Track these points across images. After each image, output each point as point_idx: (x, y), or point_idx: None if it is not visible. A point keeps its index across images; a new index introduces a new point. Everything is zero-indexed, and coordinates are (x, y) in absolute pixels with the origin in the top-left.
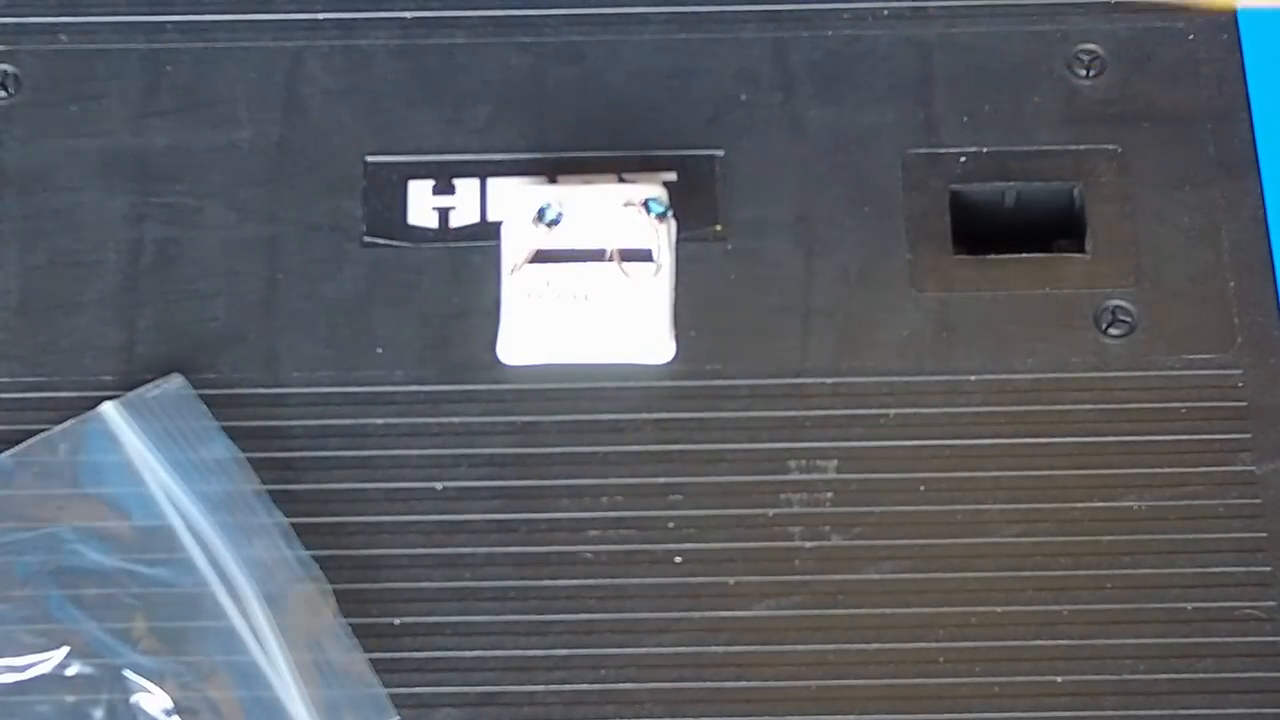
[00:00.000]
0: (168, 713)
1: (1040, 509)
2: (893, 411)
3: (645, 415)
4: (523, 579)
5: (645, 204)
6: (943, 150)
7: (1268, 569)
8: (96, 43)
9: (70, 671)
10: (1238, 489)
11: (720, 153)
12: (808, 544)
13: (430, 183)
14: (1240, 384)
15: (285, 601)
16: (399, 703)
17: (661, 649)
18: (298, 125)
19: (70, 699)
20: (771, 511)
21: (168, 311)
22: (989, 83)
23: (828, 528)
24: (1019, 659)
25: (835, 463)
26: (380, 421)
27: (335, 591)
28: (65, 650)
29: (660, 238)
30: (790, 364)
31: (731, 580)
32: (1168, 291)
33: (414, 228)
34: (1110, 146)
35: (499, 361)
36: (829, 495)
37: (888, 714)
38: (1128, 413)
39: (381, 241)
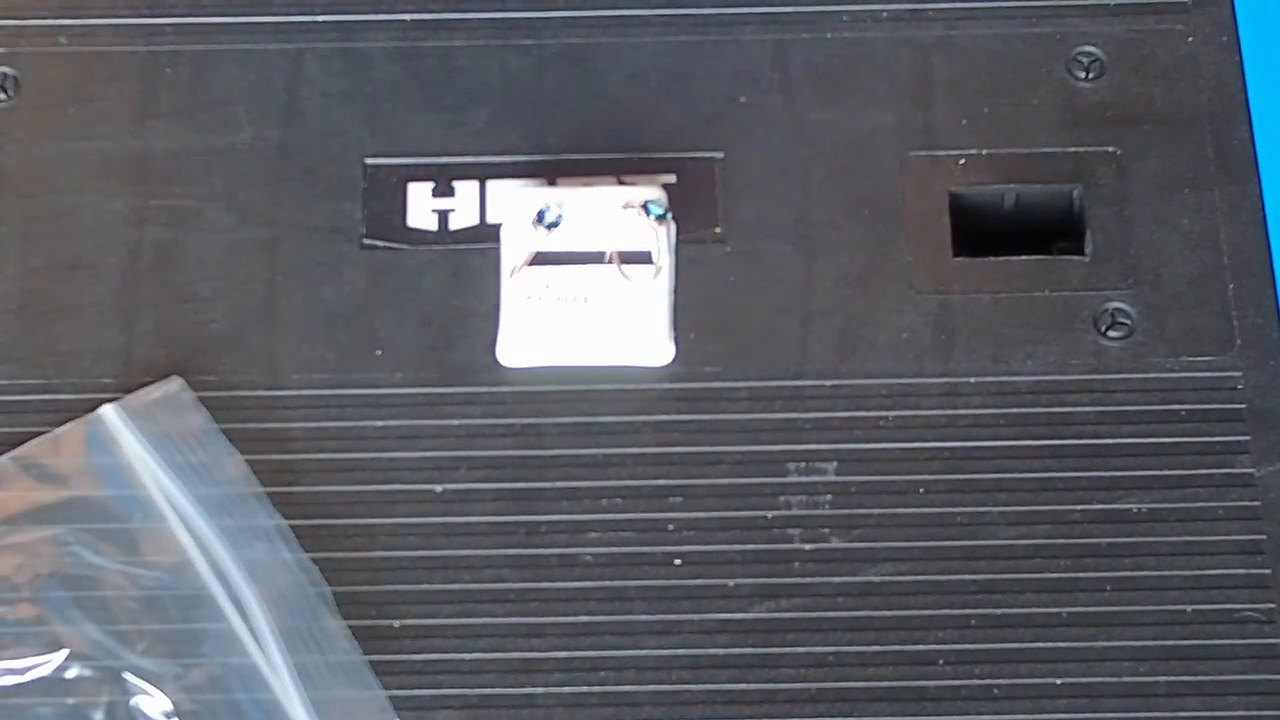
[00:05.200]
0: (167, 715)
1: (1040, 510)
2: (892, 413)
3: (645, 417)
4: (522, 581)
5: (645, 206)
6: (942, 152)
7: (1266, 571)
8: (96, 45)
9: (70, 674)
10: (1237, 491)
11: (720, 155)
12: (807, 546)
13: (430, 185)
14: (1239, 386)
15: (285, 604)
16: (399, 705)
17: (661, 651)
18: (297, 128)
19: (70, 701)
20: (771, 513)
21: (167, 314)
22: (988, 85)
23: (827, 530)
24: (1019, 659)
25: (834, 465)
26: (379, 424)
27: (335, 594)
28: (65, 653)
29: (660, 240)
30: (790, 366)
31: (731, 582)
32: (1167, 294)
33: (413, 230)
34: (1109, 149)
35: (498, 364)
36: (828, 497)
37: (888, 714)
38: (1127, 415)
39: (381, 244)
